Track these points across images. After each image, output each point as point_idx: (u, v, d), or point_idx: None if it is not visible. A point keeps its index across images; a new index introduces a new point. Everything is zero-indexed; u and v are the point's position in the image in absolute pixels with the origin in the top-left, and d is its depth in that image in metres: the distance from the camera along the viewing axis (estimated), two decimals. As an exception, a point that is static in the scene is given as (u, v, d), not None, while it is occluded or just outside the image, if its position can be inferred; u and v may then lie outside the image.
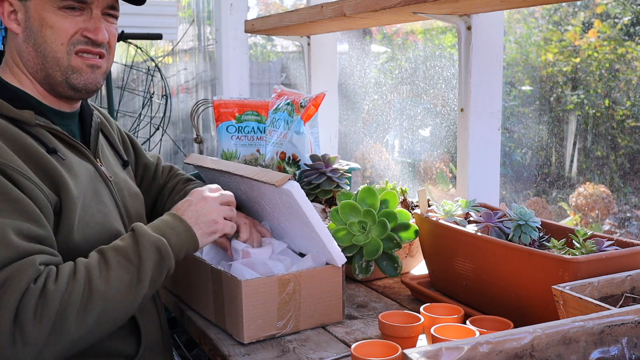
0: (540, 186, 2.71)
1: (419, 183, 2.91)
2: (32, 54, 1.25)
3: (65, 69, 1.26)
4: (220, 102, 2.09)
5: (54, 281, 1.07)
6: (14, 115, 1.19)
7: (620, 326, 0.84)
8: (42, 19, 1.23)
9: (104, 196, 1.31)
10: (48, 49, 1.24)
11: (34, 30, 1.24)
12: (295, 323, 1.36)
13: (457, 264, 1.43)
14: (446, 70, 2.64)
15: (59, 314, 1.05)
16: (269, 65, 4.76)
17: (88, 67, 1.27)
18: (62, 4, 1.23)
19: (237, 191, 1.51)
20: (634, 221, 2.46)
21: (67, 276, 1.09)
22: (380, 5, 1.65)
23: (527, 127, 2.82)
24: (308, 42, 2.52)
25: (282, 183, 1.29)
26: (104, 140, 1.46)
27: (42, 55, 1.25)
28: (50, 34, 1.23)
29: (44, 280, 1.06)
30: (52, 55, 1.25)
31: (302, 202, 1.31)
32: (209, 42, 3.64)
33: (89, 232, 1.23)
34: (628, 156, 2.46)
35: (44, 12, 1.23)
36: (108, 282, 1.11)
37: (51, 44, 1.24)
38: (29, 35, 1.24)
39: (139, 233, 1.19)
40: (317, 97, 1.86)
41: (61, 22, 1.23)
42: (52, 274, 1.08)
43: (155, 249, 1.17)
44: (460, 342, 0.76)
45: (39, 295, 1.04)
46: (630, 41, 2.53)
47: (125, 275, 1.13)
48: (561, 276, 1.17)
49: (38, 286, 1.05)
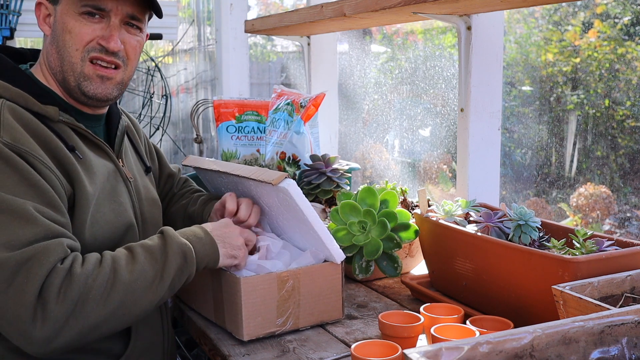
0: (540, 186, 2.71)
1: (419, 183, 2.91)
2: (54, 55, 1.29)
3: (78, 75, 1.28)
4: (220, 102, 2.09)
5: (80, 265, 1.10)
6: (38, 109, 1.22)
7: (620, 326, 0.84)
8: (64, 23, 1.26)
9: (120, 196, 1.33)
10: (65, 53, 1.27)
11: (57, 34, 1.28)
12: (295, 320, 1.36)
13: (457, 264, 1.43)
14: (446, 70, 2.64)
15: (82, 297, 1.07)
16: (269, 65, 4.76)
17: (98, 77, 1.29)
18: (82, 9, 1.26)
19: (236, 192, 1.51)
20: (634, 221, 2.46)
21: (94, 263, 1.12)
22: (380, 5, 1.65)
23: (527, 127, 2.82)
24: (308, 42, 2.52)
25: (279, 181, 1.30)
26: (128, 144, 1.49)
27: (61, 58, 1.28)
28: (69, 39, 1.26)
29: (70, 262, 1.09)
30: (68, 59, 1.28)
31: (299, 200, 1.31)
32: (209, 42, 3.64)
33: (98, 229, 1.25)
34: (628, 156, 2.46)
35: (66, 17, 1.26)
36: (132, 274, 1.14)
37: (68, 48, 1.27)
38: (54, 38, 1.28)
39: (167, 235, 1.22)
40: (317, 97, 1.86)
41: (79, 28, 1.26)
42: (78, 258, 1.11)
43: (181, 253, 1.20)
44: (460, 342, 0.76)
45: (64, 275, 1.07)
46: (630, 41, 2.53)
47: (150, 271, 1.16)
48: (561, 276, 1.17)
49: (65, 266, 1.07)
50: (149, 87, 3.34)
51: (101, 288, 1.10)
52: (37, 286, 1.04)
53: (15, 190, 1.10)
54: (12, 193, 1.09)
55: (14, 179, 1.11)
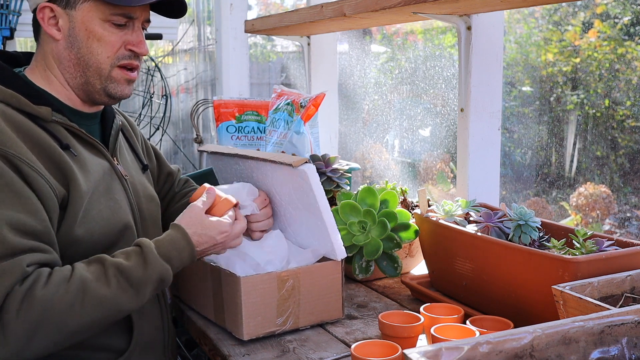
0: (540, 186, 2.71)
1: (419, 183, 2.91)
2: (73, 61, 1.29)
3: (105, 79, 1.30)
4: (220, 102, 2.09)
5: (42, 285, 1.09)
6: (31, 110, 1.22)
7: (620, 326, 0.84)
8: (89, 31, 1.27)
9: (116, 193, 1.33)
10: (93, 60, 1.28)
11: (79, 40, 1.27)
12: (295, 320, 1.36)
13: (457, 264, 1.43)
14: (446, 70, 2.64)
15: (43, 318, 1.07)
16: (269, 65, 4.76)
17: (125, 81, 1.33)
18: (111, 18, 1.27)
19: (250, 180, 1.52)
20: (634, 221, 2.46)
21: (59, 283, 1.10)
22: (380, 5, 1.65)
23: (527, 127, 2.82)
24: (308, 42, 2.52)
25: (299, 164, 1.31)
26: (124, 142, 1.49)
27: (85, 64, 1.29)
28: (97, 47, 1.28)
29: (30, 283, 1.08)
30: (96, 65, 1.29)
31: (315, 186, 1.33)
32: (209, 42, 3.64)
33: (94, 226, 1.25)
34: (628, 156, 2.46)
35: (91, 24, 1.27)
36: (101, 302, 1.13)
37: (97, 56, 1.28)
38: (72, 44, 1.28)
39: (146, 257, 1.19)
40: (317, 97, 1.86)
41: (109, 36, 1.28)
42: (42, 277, 1.10)
43: (159, 279, 1.19)
44: (460, 342, 0.76)
45: (22, 297, 1.06)
46: (630, 41, 2.53)
47: (122, 296, 1.15)
48: (561, 276, 1.17)
49: (24, 288, 1.07)
50: (149, 87, 3.34)
51: (65, 310, 1.09)
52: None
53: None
54: None
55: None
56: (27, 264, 1.09)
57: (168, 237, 1.24)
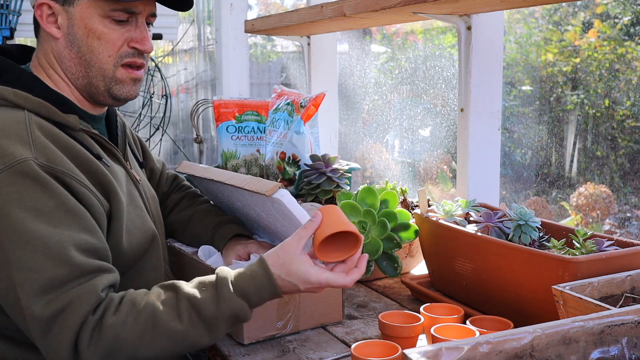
0: (540, 186, 2.71)
1: (419, 183, 2.91)
2: (74, 60, 1.22)
3: (109, 80, 1.23)
4: (220, 102, 2.09)
5: (112, 313, 1.06)
6: (60, 119, 1.17)
7: (620, 326, 0.84)
8: (89, 28, 1.20)
9: (137, 200, 1.30)
10: (94, 59, 1.21)
11: (79, 38, 1.21)
12: (295, 323, 1.36)
13: (457, 264, 1.43)
14: (446, 70, 2.64)
15: (113, 348, 1.05)
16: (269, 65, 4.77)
17: (131, 80, 1.25)
18: (110, 14, 1.19)
19: (232, 198, 1.51)
20: (634, 221, 2.46)
21: (128, 312, 1.06)
22: (380, 5, 1.65)
23: (527, 127, 2.83)
24: (308, 42, 2.52)
25: (273, 192, 1.29)
26: None
27: (87, 63, 1.22)
28: (98, 45, 1.21)
29: (102, 311, 1.06)
30: (98, 65, 1.22)
31: (294, 210, 1.30)
32: (209, 42, 3.64)
33: (132, 238, 1.23)
34: (628, 156, 2.46)
35: (90, 21, 1.19)
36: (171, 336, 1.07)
37: (98, 55, 1.21)
38: (72, 42, 1.21)
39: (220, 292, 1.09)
40: (317, 97, 1.86)
41: (109, 34, 1.20)
42: (112, 304, 1.07)
43: (232, 315, 1.10)
44: (460, 342, 0.76)
45: (94, 326, 1.04)
46: (630, 41, 2.53)
47: (193, 331, 1.08)
48: (561, 276, 1.17)
49: (95, 317, 1.04)
50: (149, 87, 3.34)
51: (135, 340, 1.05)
52: (72, 338, 1.02)
53: (52, 218, 1.06)
54: (49, 222, 1.05)
55: (51, 205, 1.06)
56: (101, 289, 1.06)
57: (249, 271, 1.13)
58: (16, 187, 1.05)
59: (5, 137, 1.09)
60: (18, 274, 1.03)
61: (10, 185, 1.05)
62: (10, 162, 1.06)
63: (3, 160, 1.06)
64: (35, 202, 1.05)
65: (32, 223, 1.04)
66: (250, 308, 1.12)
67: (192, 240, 1.57)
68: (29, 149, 1.09)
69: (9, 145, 1.08)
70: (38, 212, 1.05)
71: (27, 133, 1.11)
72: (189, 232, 1.57)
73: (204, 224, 1.55)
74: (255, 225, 1.55)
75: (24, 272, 1.03)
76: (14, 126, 1.11)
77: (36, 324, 1.03)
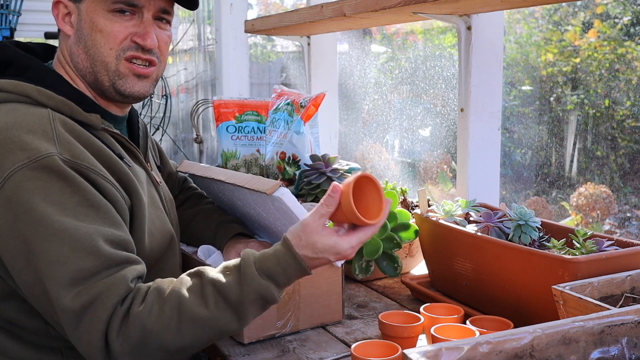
0: (540, 186, 2.71)
1: (419, 183, 2.91)
2: (82, 56, 1.23)
3: (112, 75, 1.23)
4: (220, 102, 2.09)
5: (139, 303, 1.05)
6: (83, 118, 1.17)
7: (620, 326, 0.84)
8: (93, 22, 1.20)
9: (157, 201, 1.30)
10: (97, 53, 1.21)
11: (85, 33, 1.21)
12: (295, 323, 1.36)
13: (457, 264, 1.43)
14: (446, 70, 2.64)
15: (142, 336, 1.04)
16: (269, 65, 4.77)
17: (134, 76, 1.24)
18: (113, 7, 1.19)
19: (232, 198, 1.51)
20: (634, 221, 2.46)
21: (154, 301, 1.06)
22: (380, 5, 1.65)
23: (527, 127, 2.83)
24: (308, 42, 2.52)
25: (273, 191, 1.29)
26: None
27: (92, 58, 1.22)
28: (100, 38, 1.20)
29: (130, 303, 1.05)
30: (100, 59, 1.22)
31: (294, 208, 1.30)
32: (209, 42, 3.64)
33: (153, 239, 1.23)
34: (628, 156, 2.46)
35: (95, 15, 1.20)
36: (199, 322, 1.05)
37: (100, 48, 1.21)
38: (80, 38, 1.22)
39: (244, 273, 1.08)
40: (317, 97, 1.86)
41: (111, 27, 1.20)
42: (139, 294, 1.06)
43: (259, 297, 1.08)
44: (460, 342, 0.76)
45: (123, 317, 1.03)
46: (630, 41, 2.53)
47: (221, 316, 1.07)
48: (561, 276, 1.17)
49: (124, 308, 1.04)
50: (149, 87, 3.33)
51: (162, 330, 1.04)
52: (103, 329, 1.02)
53: (77, 212, 1.05)
54: (74, 216, 1.05)
55: (75, 200, 1.06)
56: (130, 279, 1.06)
57: (272, 251, 1.11)
58: (41, 181, 1.05)
59: (30, 132, 1.09)
60: (46, 267, 1.03)
61: (35, 180, 1.05)
62: (34, 156, 1.06)
63: (27, 155, 1.06)
64: (60, 197, 1.05)
65: (58, 217, 1.04)
66: (279, 288, 1.10)
67: (194, 240, 1.57)
68: (53, 144, 1.08)
69: (34, 141, 1.07)
70: (63, 207, 1.05)
71: (51, 129, 1.11)
72: (191, 231, 1.58)
73: (207, 223, 1.55)
74: (255, 225, 1.55)
75: (51, 265, 1.02)
76: (37, 122, 1.11)
77: (66, 316, 1.02)
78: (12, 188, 1.04)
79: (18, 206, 1.04)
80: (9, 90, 1.15)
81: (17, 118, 1.10)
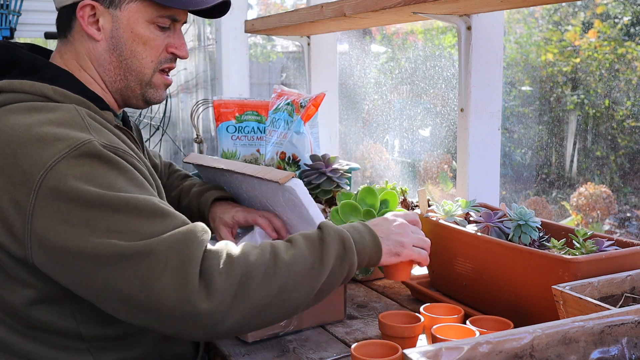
0: (540, 186, 2.72)
1: (419, 183, 2.91)
2: (114, 64, 1.24)
3: (146, 84, 1.26)
4: (220, 102, 2.09)
5: (234, 248, 1.05)
6: (99, 115, 1.18)
7: (620, 326, 0.84)
8: (135, 33, 1.22)
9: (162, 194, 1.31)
10: (136, 64, 1.24)
11: (123, 42, 1.22)
12: (298, 322, 1.36)
13: (457, 264, 1.43)
14: (446, 70, 2.64)
15: (245, 276, 1.01)
16: (269, 65, 4.77)
17: (164, 86, 1.29)
18: (157, 20, 1.22)
19: (239, 190, 1.51)
20: (634, 221, 2.46)
21: (249, 246, 1.07)
22: (380, 5, 1.65)
23: (527, 127, 2.83)
24: (308, 42, 2.52)
25: (286, 180, 1.30)
26: None
27: (127, 67, 1.24)
28: (142, 50, 1.23)
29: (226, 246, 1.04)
30: (138, 70, 1.24)
31: (305, 200, 1.31)
32: (209, 42, 3.64)
33: None
34: (628, 156, 2.46)
35: (137, 26, 1.21)
36: (293, 257, 1.07)
37: (141, 60, 1.24)
38: (115, 46, 1.22)
39: (323, 224, 1.15)
40: (317, 97, 1.86)
41: (154, 39, 1.23)
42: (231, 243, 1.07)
43: (339, 239, 1.12)
44: (460, 342, 0.76)
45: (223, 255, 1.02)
46: (630, 41, 2.53)
47: (309, 256, 1.08)
48: (561, 276, 1.17)
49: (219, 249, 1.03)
50: (149, 87, 3.33)
51: (262, 268, 1.03)
52: (197, 266, 0.98)
53: (126, 190, 1.04)
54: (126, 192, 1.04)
55: (121, 180, 1.06)
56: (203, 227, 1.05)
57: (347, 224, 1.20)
58: (86, 167, 1.04)
59: (62, 125, 1.08)
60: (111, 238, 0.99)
61: (80, 167, 1.04)
62: (74, 144, 1.05)
63: (67, 144, 1.05)
64: (107, 180, 1.04)
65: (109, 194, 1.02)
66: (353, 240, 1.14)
67: None
68: (88, 133, 1.09)
69: (70, 132, 1.07)
70: (112, 187, 1.04)
71: (82, 119, 1.11)
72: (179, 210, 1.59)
73: (189, 197, 1.57)
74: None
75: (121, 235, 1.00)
76: (67, 115, 1.11)
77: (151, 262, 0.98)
78: (57, 178, 1.02)
79: (68, 194, 1.01)
80: (26, 90, 1.14)
81: (44, 115, 1.10)
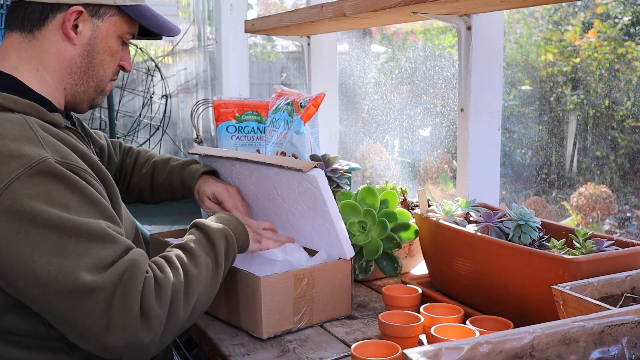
0: (540, 186, 2.71)
1: (419, 183, 2.91)
2: (82, 69, 1.27)
3: (100, 92, 1.32)
4: (220, 102, 2.09)
5: (159, 271, 1.11)
6: (49, 118, 1.18)
7: (620, 326, 0.84)
8: (108, 45, 1.28)
9: None
10: (101, 72, 1.29)
11: (96, 51, 1.27)
12: (310, 317, 1.37)
13: (457, 264, 1.43)
14: (446, 70, 2.64)
15: (172, 298, 1.09)
16: (269, 65, 4.76)
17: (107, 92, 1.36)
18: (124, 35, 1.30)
19: (247, 181, 1.52)
20: (634, 221, 2.46)
21: (166, 266, 1.13)
22: (380, 5, 1.65)
23: (527, 127, 2.82)
24: (308, 42, 2.52)
25: (309, 169, 1.31)
26: None
27: (92, 74, 1.28)
28: (109, 61, 1.29)
29: (152, 270, 1.10)
30: (100, 78, 1.30)
31: (324, 191, 1.33)
32: (209, 42, 3.64)
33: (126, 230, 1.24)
34: (628, 156, 2.46)
35: (110, 38, 1.28)
36: (198, 267, 1.17)
37: (106, 69, 1.30)
38: (89, 53, 1.26)
39: (202, 225, 1.26)
40: (317, 97, 1.86)
41: (117, 52, 1.30)
42: (152, 265, 1.12)
43: (222, 236, 1.24)
44: (460, 342, 0.76)
45: (154, 282, 1.08)
46: (630, 41, 2.53)
47: (208, 260, 1.19)
48: (561, 276, 1.17)
49: (151, 275, 1.08)
50: (149, 87, 3.34)
51: (182, 287, 1.11)
52: (138, 297, 1.04)
53: (80, 211, 1.07)
54: (78, 214, 1.06)
55: (76, 199, 1.07)
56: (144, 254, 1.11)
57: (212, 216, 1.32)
58: (41, 187, 1.05)
59: (15, 140, 1.08)
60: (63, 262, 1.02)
61: (35, 186, 1.04)
62: (29, 163, 1.05)
63: (22, 162, 1.05)
64: (62, 199, 1.06)
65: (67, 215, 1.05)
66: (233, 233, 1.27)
67: (162, 193, 1.63)
68: (42, 148, 1.09)
69: (22, 148, 1.07)
70: (66, 207, 1.06)
71: (34, 133, 1.11)
72: (156, 185, 1.62)
73: (168, 171, 1.60)
74: (260, 215, 1.57)
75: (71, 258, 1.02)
76: (18, 129, 1.10)
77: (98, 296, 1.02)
78: (11, 197, 1.03)
79: (22, 214, 1.02)
80: None
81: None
